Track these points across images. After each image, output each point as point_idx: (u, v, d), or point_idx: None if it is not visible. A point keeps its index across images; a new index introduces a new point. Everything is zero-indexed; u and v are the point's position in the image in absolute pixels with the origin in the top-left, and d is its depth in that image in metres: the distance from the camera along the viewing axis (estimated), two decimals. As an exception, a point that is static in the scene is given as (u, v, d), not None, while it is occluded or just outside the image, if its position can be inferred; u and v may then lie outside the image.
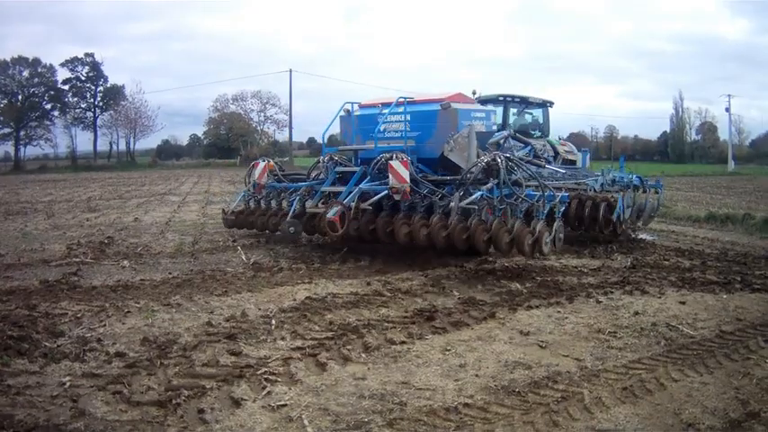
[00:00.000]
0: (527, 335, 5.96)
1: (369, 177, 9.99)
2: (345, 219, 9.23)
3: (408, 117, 10.29)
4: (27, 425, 4.05)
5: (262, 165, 11.85)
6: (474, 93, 15.87)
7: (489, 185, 8.73)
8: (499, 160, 8.82)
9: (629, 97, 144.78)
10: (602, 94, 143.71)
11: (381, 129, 10.49)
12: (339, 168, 10.82)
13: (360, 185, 9.76)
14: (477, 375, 4.91)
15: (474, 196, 8.64)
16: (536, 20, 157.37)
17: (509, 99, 16.90)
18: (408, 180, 9.13)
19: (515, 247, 8.40)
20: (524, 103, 16.61)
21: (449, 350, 5.51)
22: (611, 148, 68.20)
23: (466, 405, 4.33)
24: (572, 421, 4.12)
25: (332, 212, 9.17)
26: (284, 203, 11.50)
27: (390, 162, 9.26)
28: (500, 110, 16.84)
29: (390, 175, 9.21)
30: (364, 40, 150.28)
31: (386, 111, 10.53)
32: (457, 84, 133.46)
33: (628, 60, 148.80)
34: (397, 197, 9.30)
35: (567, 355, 5.41)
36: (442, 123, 10.08)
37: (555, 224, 8.75)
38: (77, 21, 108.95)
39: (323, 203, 10.47)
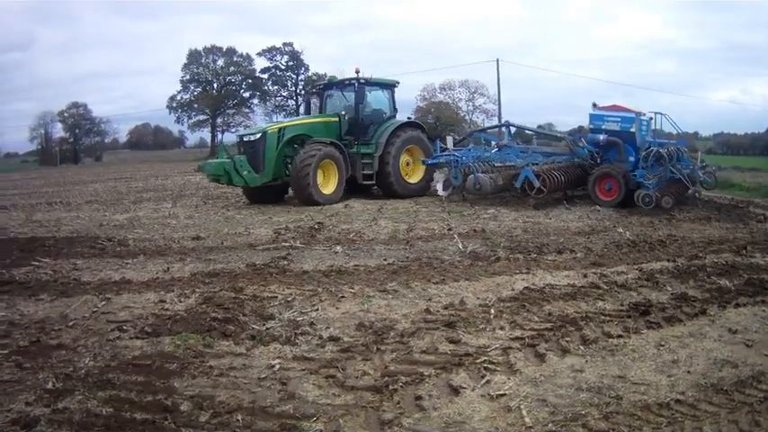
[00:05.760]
0: (735, 333, 6.08)
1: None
2: None
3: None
4: (229, 406, 4.30)
5: None
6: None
7: None
8: None
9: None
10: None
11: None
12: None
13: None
14: (688, 372, 5.08)
15: None
16: (722, 9, 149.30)
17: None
18: None
19: None
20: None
21: (662, 345, 5.70)
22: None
23: (677, 401, 4.49)
24: (773, 422, 4.20)
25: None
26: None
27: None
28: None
29: None
30: (552, 26, 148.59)
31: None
32: (647, 74, 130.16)
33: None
34: None
35: (771, 356, 5.49)
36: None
37: None
38: (259, 11, 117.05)
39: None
